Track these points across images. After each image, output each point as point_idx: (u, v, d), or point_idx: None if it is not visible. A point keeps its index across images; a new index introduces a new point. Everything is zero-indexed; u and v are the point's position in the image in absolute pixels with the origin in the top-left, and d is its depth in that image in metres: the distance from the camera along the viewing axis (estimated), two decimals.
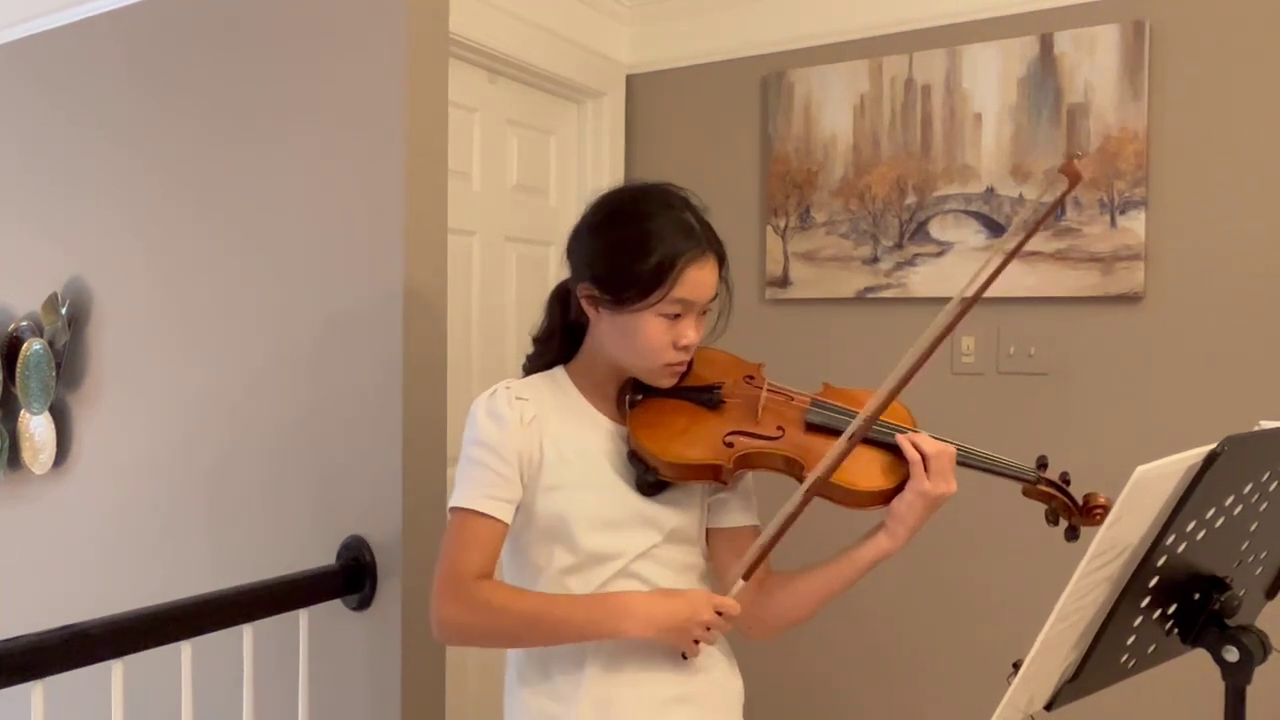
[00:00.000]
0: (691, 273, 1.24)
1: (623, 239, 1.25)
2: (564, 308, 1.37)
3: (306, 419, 1.96)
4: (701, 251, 1.25)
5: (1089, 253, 2.23)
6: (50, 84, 2.45)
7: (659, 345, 1.26)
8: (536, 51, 2.52)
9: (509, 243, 2.58)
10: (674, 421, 1.29)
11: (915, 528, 1.23)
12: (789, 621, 1.32)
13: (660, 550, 1.30)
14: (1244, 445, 0.94)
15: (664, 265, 1.22)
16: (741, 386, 1.34)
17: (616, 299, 1.25)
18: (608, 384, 1.34)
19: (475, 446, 1.27)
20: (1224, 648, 0.99)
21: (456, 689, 2.36)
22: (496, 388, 1.31)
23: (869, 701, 2.52)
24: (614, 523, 1.28)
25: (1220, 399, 2.14)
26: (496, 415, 1.27)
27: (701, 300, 1.27)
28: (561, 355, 1.38)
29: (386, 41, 1.84)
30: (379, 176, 1.85)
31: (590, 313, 1.30)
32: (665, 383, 1.31)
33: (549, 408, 1.31)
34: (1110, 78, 2.21)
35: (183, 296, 2.17)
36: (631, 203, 1.29)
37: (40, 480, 2.45)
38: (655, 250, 1.22)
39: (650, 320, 1.24)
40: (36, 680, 1.40)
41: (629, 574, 1.28)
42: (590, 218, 1.32)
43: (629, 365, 1.30)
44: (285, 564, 1.89)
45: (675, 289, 1.23)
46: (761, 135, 2.65)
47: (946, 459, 1.23)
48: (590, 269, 1.28)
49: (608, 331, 1.29)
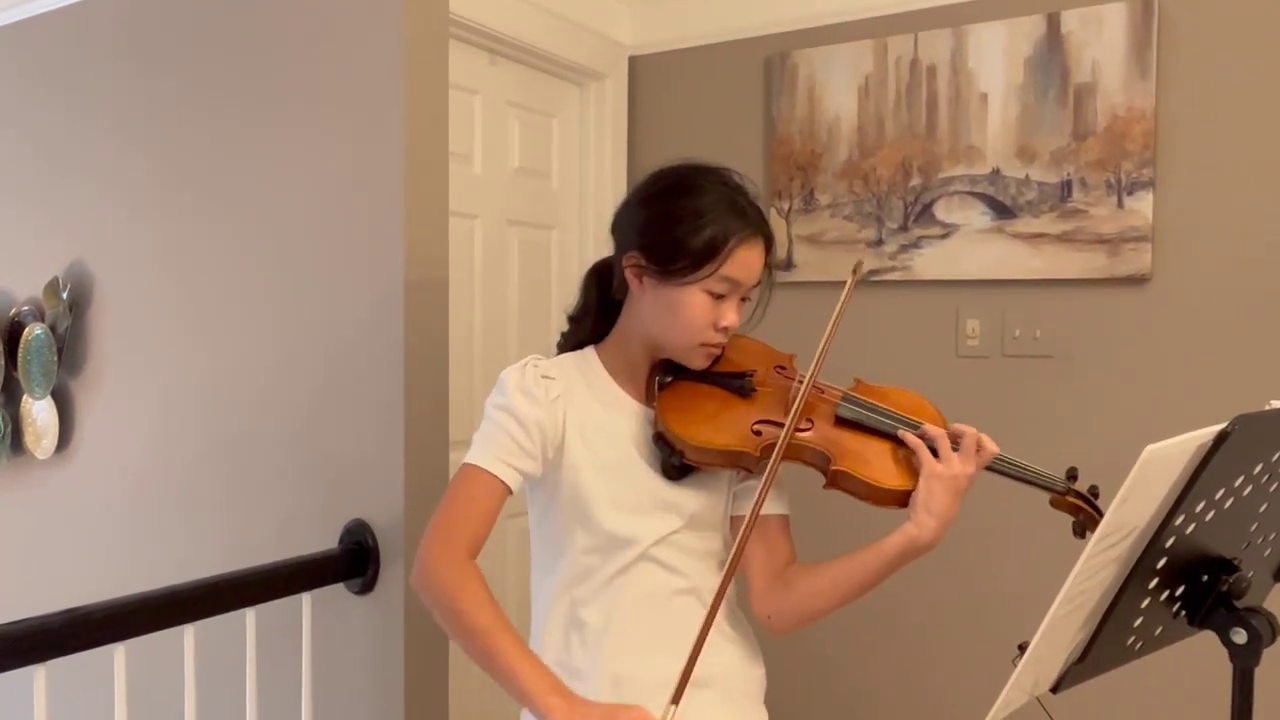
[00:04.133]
0: (742, 253, 1.24)
1: (678, 211, 1.24)
2: (601, 285, 1.37)
3: (308, 403, 1.95)
4: (754, 234, 1.25)
5: (1095, 234, 2.21)
6: (50, 68, 2.43)
7: (700, 323, 1.25)
8: (538, 32, 2.50)
9: (511, 226, 2.57)
10: (703, 406, 1.28)
11: (942, 514, 1.20)
12: (812, 614, 1.30)
13: (680, 536, 1.29)
14: (1254, 424, 0.93)
15: (717, 241, 1.22)
16: (773, 376, 1.33)
17: (664, 270, 1.24)
18: (638, 365, 1.33)
19: (498, 411, 1.26)
20: (1232, 630, 0.98)
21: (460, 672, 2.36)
22: (526, 362, 1.30)
23: (879, 684, 2.52)
24: (634, 506, 1.27)
25: (1228, 381, 2.12)
26: (525, 388, 1.27)
27: (748, 282, 1.26)
28: (594, 334, 1.38)
29: (386, 22, 1.83)
30: (379, 159, 1.84)
31: (633, 284, 1.29)
32: (698, 364, 1.30)
33: (575, 387, 1.31)
34: (1117, 57, 2.18)
35: (184, 281, 2.17)
36: (689, 176, 1.28)
37: (43, 465, 2.45)
38: (709, 226, 1.22)
39: (695, 296, 1.24)
40: (39, 663, 1.40)
41: (648, 558, 1.28)
42: (643, 189, 1.31)
43: (665, 341, 1.29)
44: (288, 548, 1.89)
45: (725, 266, 1.23)
46: (765, 117, 2.63)
47: (945, 440, 1.22)
48: (641, 237, 1.27)
49: (649, 305, 1.28)
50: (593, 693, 1.25)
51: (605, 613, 1.28)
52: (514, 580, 2.57)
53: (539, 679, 1.13)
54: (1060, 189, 2.25)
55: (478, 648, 1.17)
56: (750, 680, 1.36)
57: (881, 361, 2.46)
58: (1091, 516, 1.30)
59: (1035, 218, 2.28)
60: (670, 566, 1.29)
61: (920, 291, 2.44)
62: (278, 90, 2.00)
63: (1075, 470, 1.31)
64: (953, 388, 2.39)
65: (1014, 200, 2.30)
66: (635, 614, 1.28)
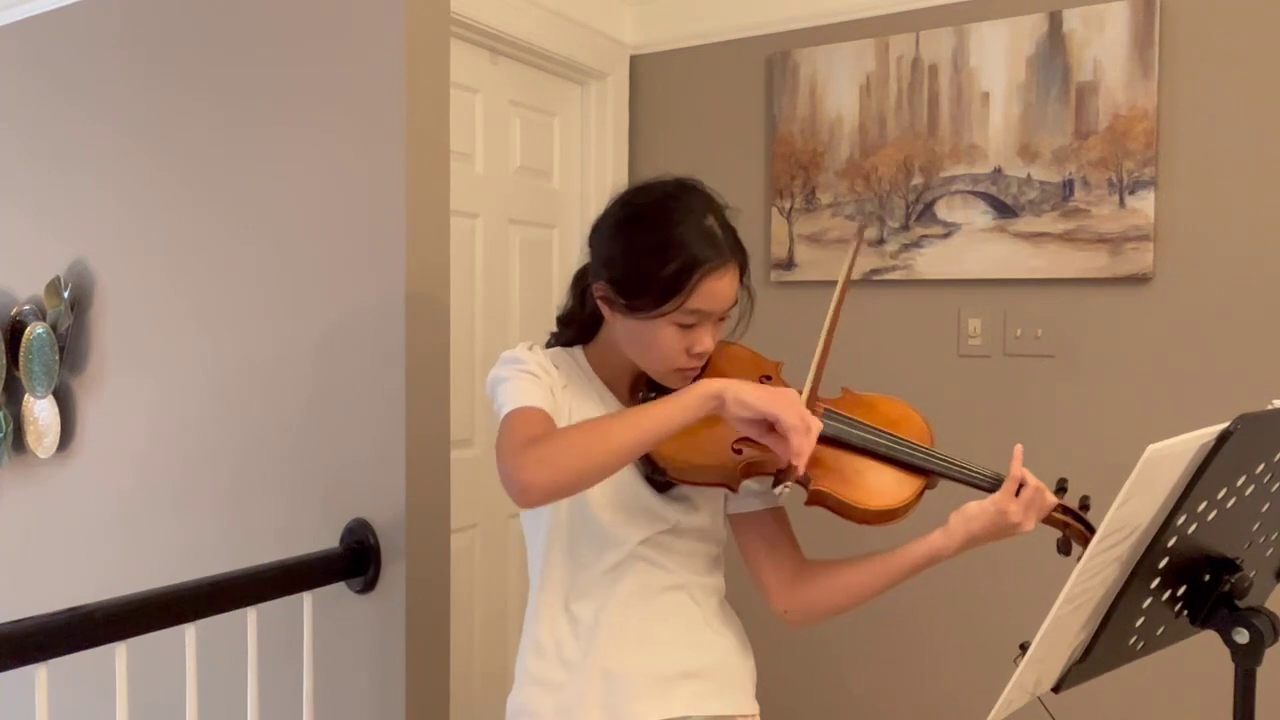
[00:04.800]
0: (708, 284, 1.21)
1: (642, 244, 1.23)
2: (583, 294, 1.36)
3: (309, 401, 1.95)
4: (722, 262, 1.22)
5: (1097, 233, 2.21)
6: (50, 66, 2.43)
7: (671, 353, 1.25)
8: (539, 31, 2.49)
9: (512, 225, 2.57)
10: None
11: (975, 535, 1.21)
12: (831, 610, 1.31)
13: (666, 537, 1.30)
14: (1257, 424, 0.93)
15: (681, 275, 1.20)
16: None
17: (630, 304, 1.23)
18: (623, 375, 1.34)
19: (513, 366, 1.25)
20: (1234, 629, 0.98)
21: (461, 670, 2.36)
22: (532, 344, 1.31)
23: (878, 683, 2.52)
24: (623, 506, 1.28)
25: (1230, 381, 2.12)
26: (537, 361, 1.28)
27: (717, 311, 1.25)
28: (582, 337, 1.38)
29: (388, 21, 1.82)
30: (380, 158, 1.84)
31: (605, 312, 1.29)
32: (677, 386, 1.28)
33: (576, 380, 1.32)
34: (1120, 55, 2.18)
35: (185, 280, 2.17)
36: (656, 205, 1.26)
37: (44, 464, 2.45)
38: (674, 259, 1.20)
39: (663, 328, 1.23)
40: (41, 662, 1.40)
41: (637, 555, 1.29)
42: (613, 214, 1.29)
43: (641, 367, 1.30)
44: (289, 547, 1.89)
45: (690, 300, 1.21)
46: (766, 116, 2.63)
47: (1042, 499, 1.21)
48: (608, 270, 1.26)
49: (621, 333, 1.28)
50: (583, 684, 1.27)
51: (596, 607, 1.29)
52: (515, 580, 2.57)
53: (676, 400, 1.11)
54: (1062, 188, 2.25)
55: (620, 449, 1.10)
56: (741, 671, 1.36)
57: (882, 361, 2.46)
58: (1080, 532, 1.25)
59: (1037, 217, 2.28)
60: (659, 564, 1.30)
61: (921, 291, 2.43)
62: (279, 89, 2.00)
63: (1065, 481, 1.28)
64: (954, 387, 2.39)
65: (1016, 199, 2.30)
66: (626, 608, 1.29)
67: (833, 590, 1.30)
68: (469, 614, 2.43)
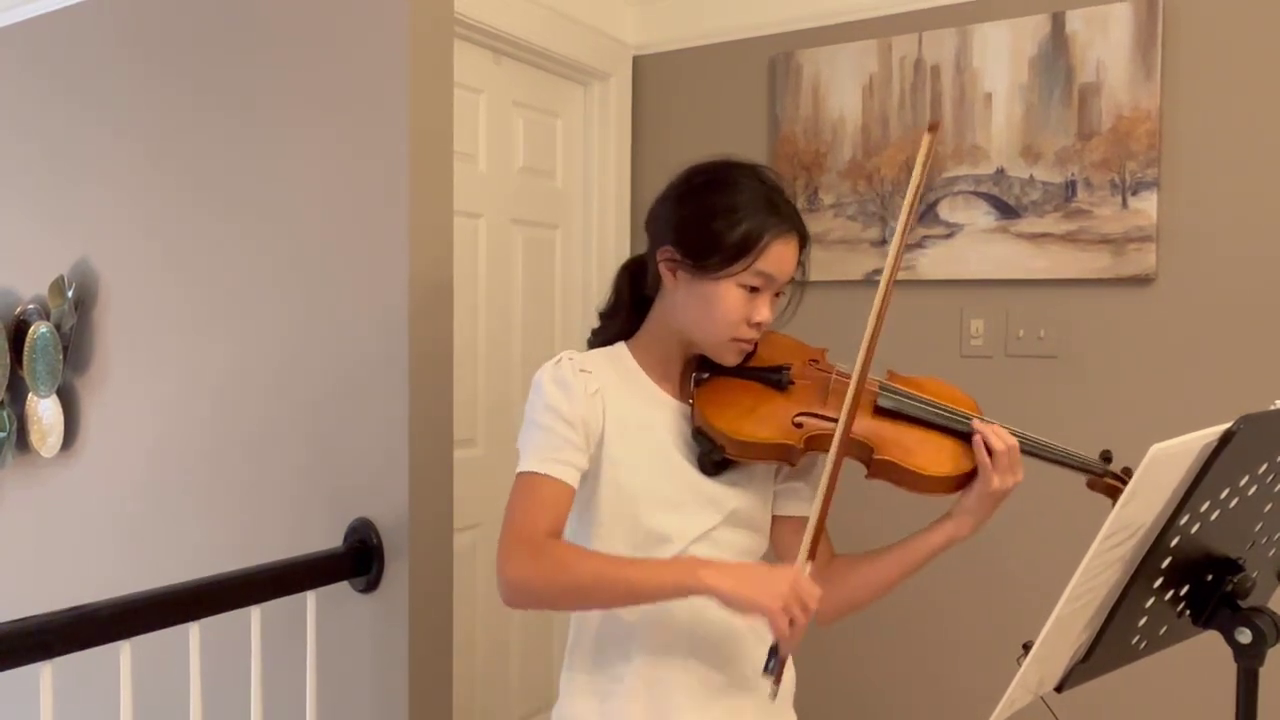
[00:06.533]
0: (777, 247, 1.24)
1: (713, 205, 1.25)
2: (633, 282, 1.37)
3: (312, 401, 1.96)
4: (791, 228, 1.26)
5: (1100, 234, 2.21)
6: (53, 67, 2.44)
7: (734, 318, 1.25)
8: (542, 32, 2.50)
9: (515, 225, 2.57)
10: (742, 400, 1.28)
11: (985, 518, 1.27)
12: (856, 605, 1.33)
13: (719, 533, 1.29)
14: (1259, 424, 0.93)
15: (751, 236, 1.23)
16: (809, 369, 1.33)
17: (699, 264, 1.24)
18: (672, 361, 1.33)
19: (541, 412, 1.25)
20: (1236, 629, 0.99)
21: (464, 670, 2.36)
22: (561, 357, 1.29)
23: (888, 679, 2.52)
24: (675, 501, 1.27)
25: (1233, 382, 2.12)
26: (563, 383, 1.25)
27: (782, 278, 1.27)
28: (626, 330, 1.37)
29: (391, 21, 1.83)
30: (384, 159, 1.84)
31: (667, 279, 1.29)
32: (731, 359, 1.30)
33: (611, 382, 1.29)
34: (1122, 57, 2.18)
35: (188, 279, 2.17)
36: (725, 172, 1.29)
37: (48, 463, 2.46)
38: (744, 220, 1.23)
39: (729, 290, 1.24)
40: (45, 660, 1.41)
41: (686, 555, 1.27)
42: (679, 185, 1.32)
43: (698, 336, 1.29)
44: (292, 546, 1.89)
45: (760, 261, 1.23)
46: (769, 116, 2.63)
47: (1014, 455, 1.26)
48: (675, 232, 1.27)
49: (683, 299, 1.28)
50: (626, 694, 1.27)
51: (640, 611, 1.27)
52: None
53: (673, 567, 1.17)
54: (1065, 189, 2.25)
55: (609, 596, 1.19)
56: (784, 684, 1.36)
57: (884, 361, 2.45)
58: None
59: (1039, 218, 2.28)
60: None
61: (924, 291, 2.43)
62: (283, 89, 2.00)
63: (1109, 453, 1.33)
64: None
65: (1018, 200, 2.30)
66: (670, 613, 1.27)
67: (854, 587, 1.32)
68: (471, 613, 2.43)
